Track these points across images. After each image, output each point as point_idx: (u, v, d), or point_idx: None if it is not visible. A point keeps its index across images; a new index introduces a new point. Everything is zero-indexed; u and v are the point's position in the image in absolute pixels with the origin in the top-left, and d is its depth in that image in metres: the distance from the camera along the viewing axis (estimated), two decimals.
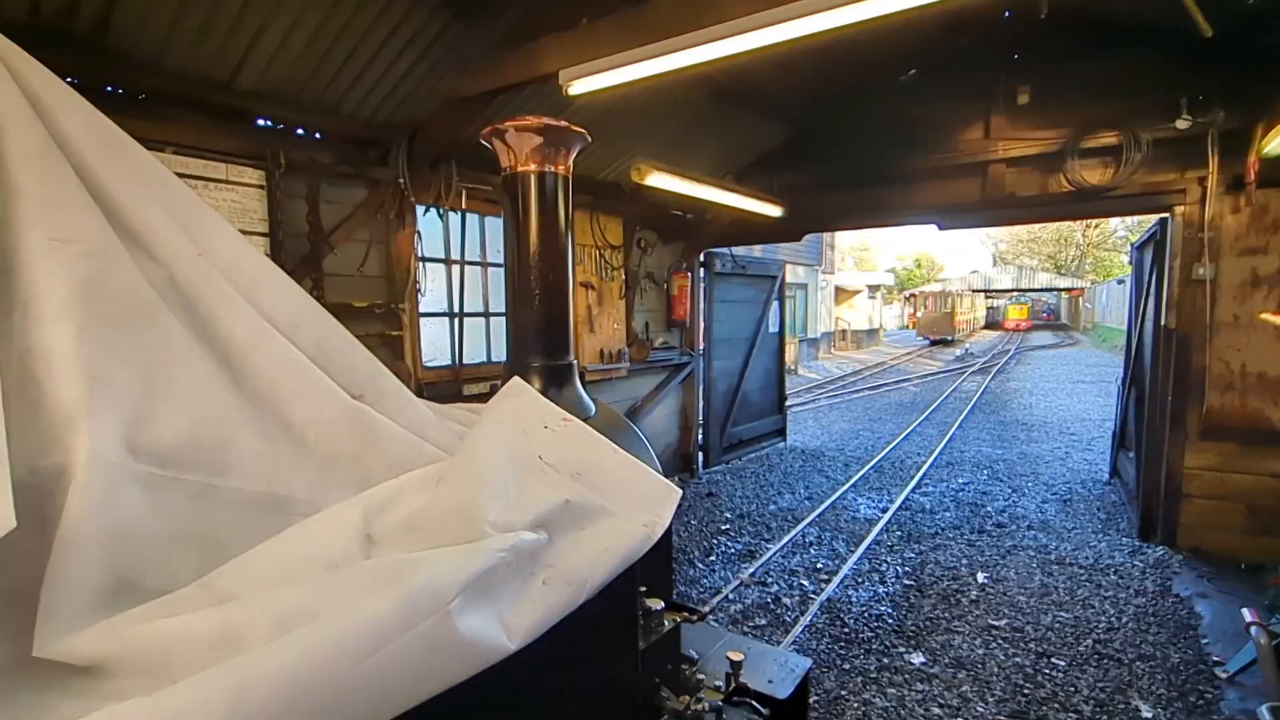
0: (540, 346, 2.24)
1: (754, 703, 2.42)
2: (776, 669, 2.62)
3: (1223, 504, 5.12)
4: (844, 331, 28.80)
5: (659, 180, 4.54)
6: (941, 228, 6.49)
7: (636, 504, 1.67)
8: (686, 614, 2.55)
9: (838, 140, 6.70)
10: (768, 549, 5.65)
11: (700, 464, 8.26)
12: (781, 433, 9.89)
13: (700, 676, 2.32)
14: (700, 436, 8.32)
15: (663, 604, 2.00)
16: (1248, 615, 2.64)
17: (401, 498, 1.41)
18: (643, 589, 2.06)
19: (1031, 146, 5.73)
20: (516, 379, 1.98)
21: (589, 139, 2.42)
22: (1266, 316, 4.96)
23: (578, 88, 3.44)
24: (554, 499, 1.45)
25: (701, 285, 8.01)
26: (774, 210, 6.03)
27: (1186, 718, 3.29)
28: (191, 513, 1.17)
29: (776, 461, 8.94)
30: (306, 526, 1.27)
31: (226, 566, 1.15)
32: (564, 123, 2.12)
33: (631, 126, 5.56)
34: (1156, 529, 5.48)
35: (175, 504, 1.14)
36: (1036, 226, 51.90)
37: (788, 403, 10.40)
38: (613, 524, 1.55)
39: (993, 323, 45.79)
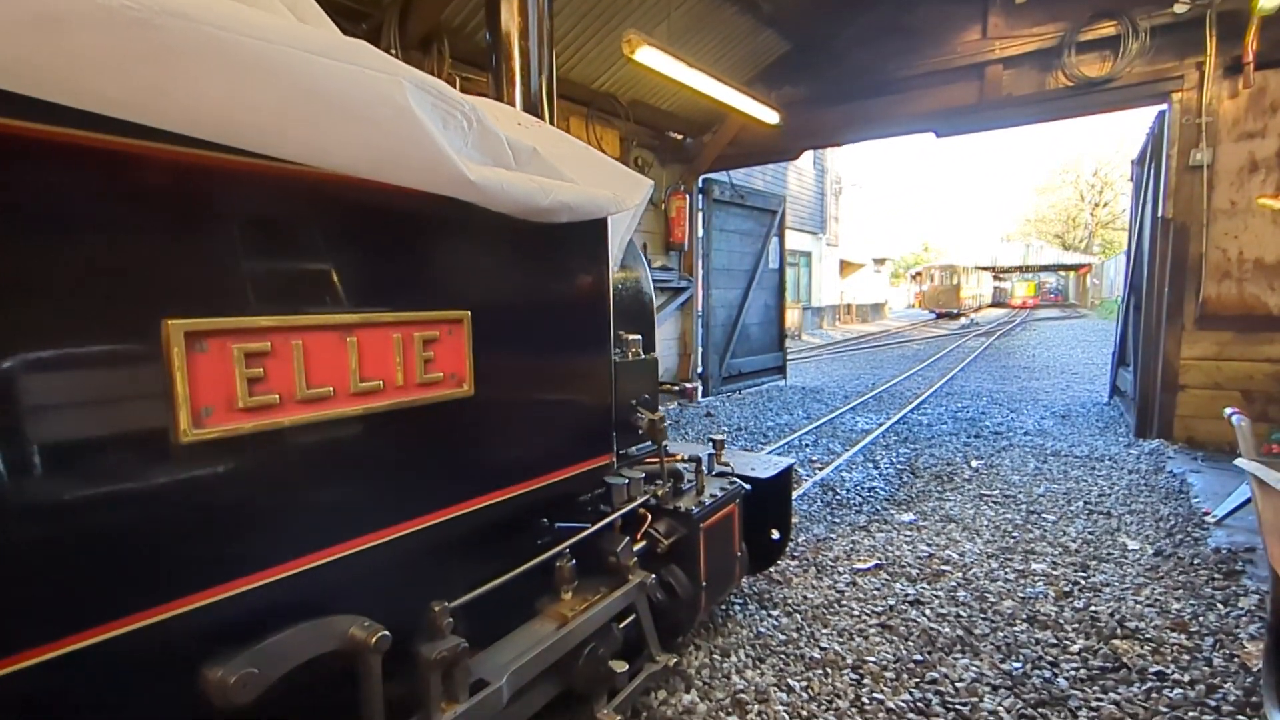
0: None
1: (735, 477, 2.45)
2: (760, 462, 2.64)
3: (1219, 393, 5.11)
4: (849, 305, 28.59)
5: (651, 57, 4.52)
6: (939, 135, 6.46)
7: (607, 185, 1.69)
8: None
9: (835, 53, 6.67)
10: (764, 448, 5.68)
11: (699, 392, 8.29)
12: (781, 370, 9.90)
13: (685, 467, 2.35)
14: (700, 365, 8.35)
15: (640, 337, 2.03)
16: (1230, 410, 2.66)
17: None
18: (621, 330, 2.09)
19: (1029, 43, 5.68)
20: None
21: None
22: (1264, 201, 4.93)
23: None
24: (524, 142, 1.46)
25: (700, 212, 8.00)
26: (771, 115, 6.01)
27: (1173, 549, 3.32)
28: None
29: (776, 395, 8.94)
30: None
31: None
32: None
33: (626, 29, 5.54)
34: (1152, 424, 5.48)
35: None
36: (1044, 205, 51.64)
37: (789, 356, 10.38)
38: (579, 186, 1.57)
39: (999, 302, 45.41)
